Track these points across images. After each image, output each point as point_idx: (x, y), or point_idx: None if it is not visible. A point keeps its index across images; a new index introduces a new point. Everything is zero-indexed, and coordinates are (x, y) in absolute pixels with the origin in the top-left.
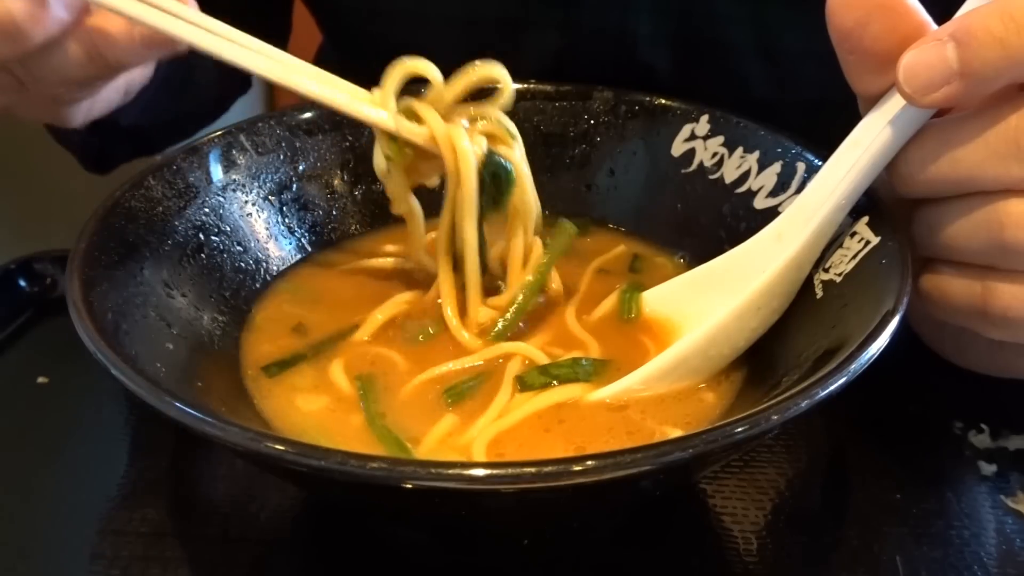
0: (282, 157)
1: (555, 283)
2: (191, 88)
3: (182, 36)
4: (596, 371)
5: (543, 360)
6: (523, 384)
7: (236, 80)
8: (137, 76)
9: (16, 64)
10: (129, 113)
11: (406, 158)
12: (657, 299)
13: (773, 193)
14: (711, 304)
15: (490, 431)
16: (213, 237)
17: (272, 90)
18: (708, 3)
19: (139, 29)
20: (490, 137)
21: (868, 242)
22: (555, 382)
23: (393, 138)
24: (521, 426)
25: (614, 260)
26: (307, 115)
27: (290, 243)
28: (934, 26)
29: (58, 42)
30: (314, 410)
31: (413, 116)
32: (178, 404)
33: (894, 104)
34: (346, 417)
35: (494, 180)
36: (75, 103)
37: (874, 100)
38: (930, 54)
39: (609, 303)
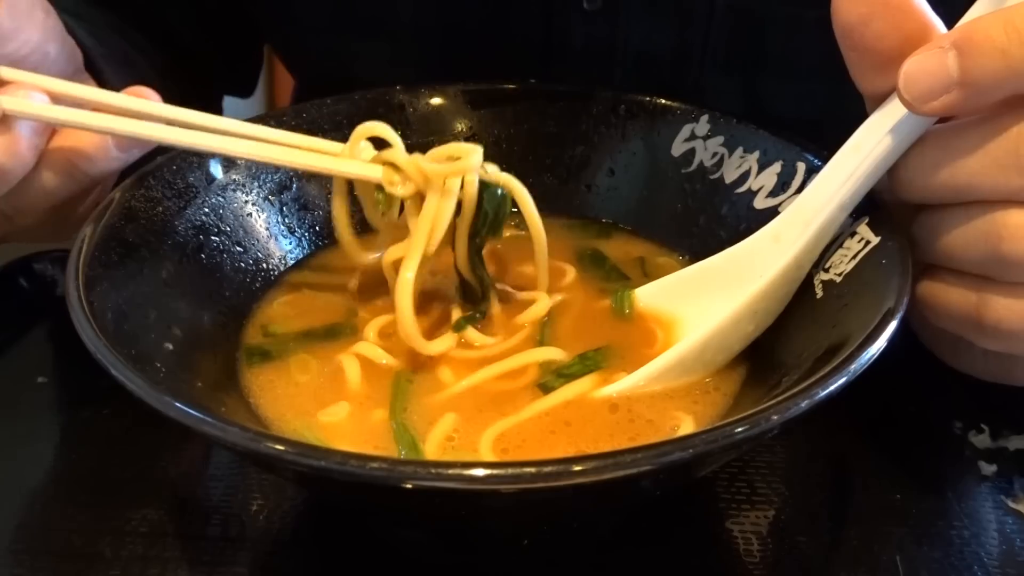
0: None
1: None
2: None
3: (153, 136)
4: (604, 358)
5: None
6: (546, 389)
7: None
8: (111, 178)
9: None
10: None
11: (396, 203)
12: (651, 296)
13: (773, 193)
14: (707, 305)
15: (496, 428)
16: (213, 237)
17: (272, 90)
18: (697, 75)
19: (112, 138)
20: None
21: (868, 242)
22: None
23: (380, 189)
24: (527, 423)
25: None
26: (307, 115)
27: (290, 243)
28: (940, 26)
29: (35, 169)
30: (308, 407)
31: (393, 168)
32: (178, 404)
33: (896, 109)
34: (343, 415)
35: (493, 208)
36: (63, 222)
37: (879, 99)
38: (931, 61)
39: (604, 301)
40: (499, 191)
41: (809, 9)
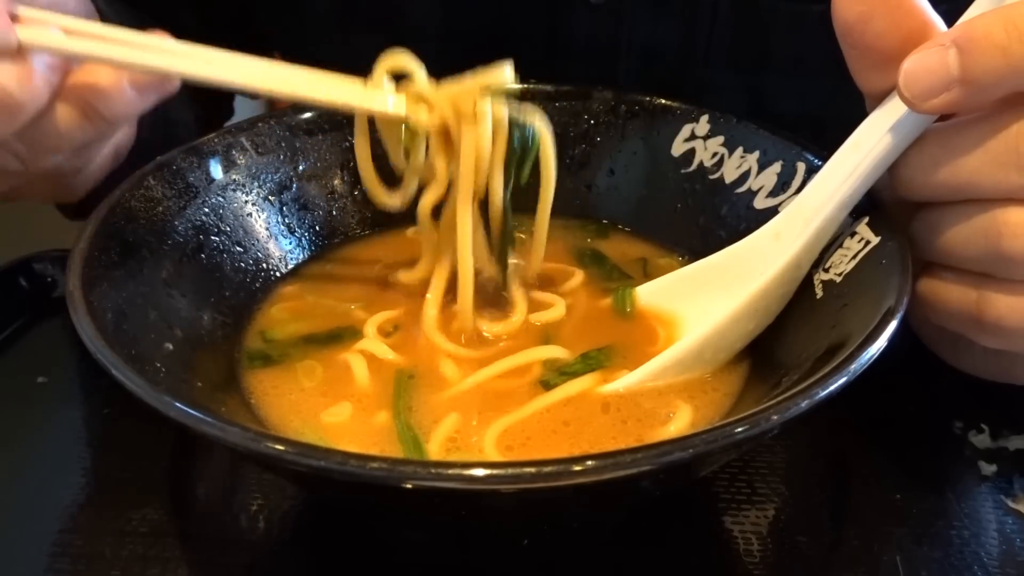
0: (282, 157)
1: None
2: (172, 141)
3: (171, 68)
4: (607, 358)
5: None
6: (548, 387)
7: (215, 116)
8: (124, 138)
9: (15, 140)
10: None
11: (421, 141)
12: (652, 294)
13: (773, 193)
14: (707, 303)
15: (499, 425)
16: (213, 237)
17: None
18: (702, 72)
19: (129, 76)
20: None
21: (868, 242)
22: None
23: (405, 127)
24: (530, 420)
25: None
26: (307, 115)
27: (290, 243)
28: (940, 24)
29: (50, 106)
30: (311, 407)
31: (418, 101)
32: (178, 404)
33: (896, 107)
34: (345, 415)
35: (521, 144)
36: (75, 174)
37: (879, 98)
38: (931, 59)
39: (606, 300)
40: (528, 128)
41: (813, 5)
